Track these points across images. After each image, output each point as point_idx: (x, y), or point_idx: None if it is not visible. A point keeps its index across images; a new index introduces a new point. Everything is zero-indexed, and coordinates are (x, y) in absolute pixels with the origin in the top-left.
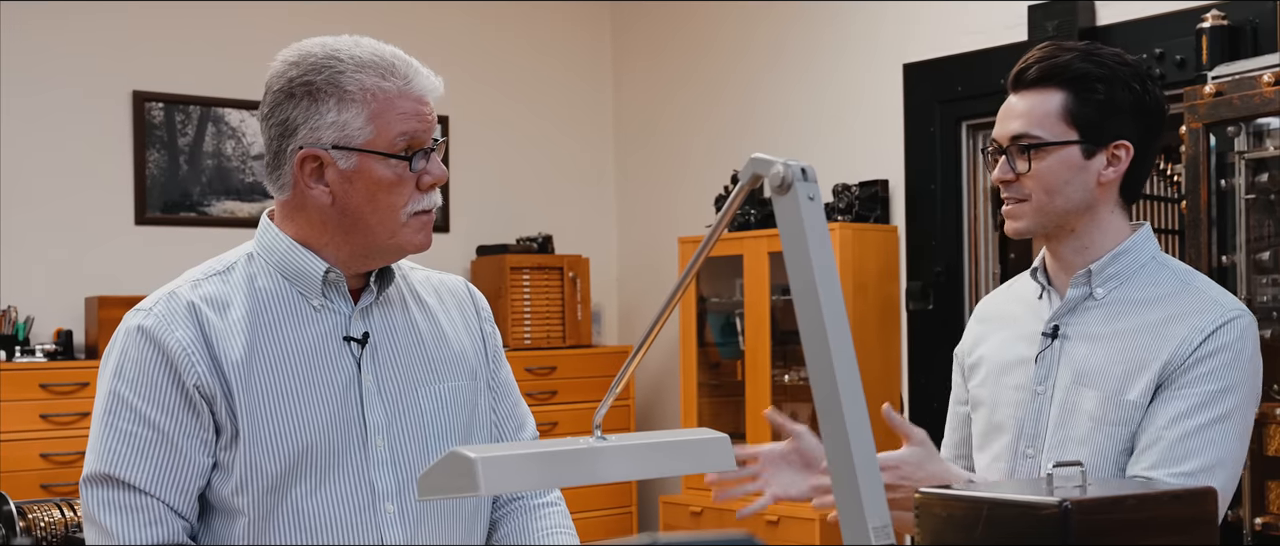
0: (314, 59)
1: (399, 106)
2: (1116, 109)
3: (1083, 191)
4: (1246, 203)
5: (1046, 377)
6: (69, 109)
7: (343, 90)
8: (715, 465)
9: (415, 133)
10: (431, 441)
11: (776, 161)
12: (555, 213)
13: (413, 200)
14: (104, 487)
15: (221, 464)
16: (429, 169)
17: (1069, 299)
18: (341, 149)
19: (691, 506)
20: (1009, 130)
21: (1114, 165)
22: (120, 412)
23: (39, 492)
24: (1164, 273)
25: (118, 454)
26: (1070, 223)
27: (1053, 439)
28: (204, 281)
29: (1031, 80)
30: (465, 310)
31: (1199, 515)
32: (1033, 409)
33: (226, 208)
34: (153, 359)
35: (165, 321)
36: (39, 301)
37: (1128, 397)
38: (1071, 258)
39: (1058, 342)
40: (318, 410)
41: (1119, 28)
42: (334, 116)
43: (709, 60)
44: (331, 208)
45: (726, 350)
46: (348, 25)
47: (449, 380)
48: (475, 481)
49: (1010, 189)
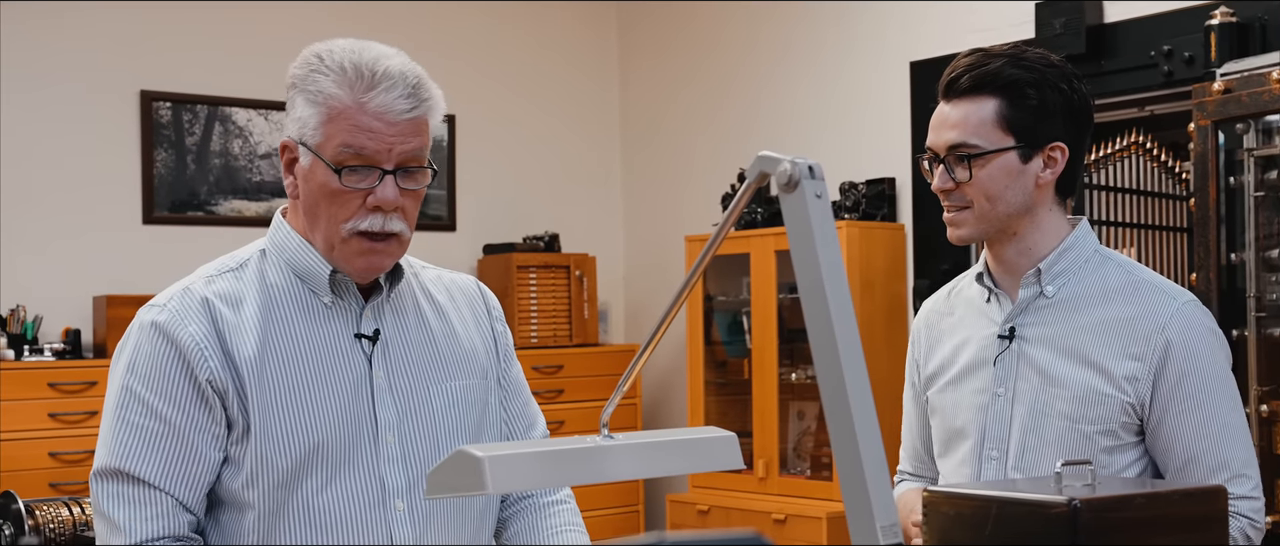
0: (308, 56)
1: (351, 118)
2: (1049, 112)
3: (1022, 195)
4: (1255, 200)
5: (1006, 380)
6: (76, 108)
7: (306, 89)
8: (723, 463)
9: (362, 148)
10: (442, 439)
11: (784, 159)
12: (562, 211)
13: (356, 217)
14: (114, 482)
15: (232, 458)
16: (377, 190)
17: (1021, 300)
18: (304, 146)
19: (698, 505)
20: (945, 140)
21: (1050, 167)
22: (132, 406)
23: (47, 491)
24: (1109, 266)
25: (129, 447)
26: (1012, 226)
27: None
28: (217, 277)
29: (964, 89)
30: (476, 309)
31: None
32: (995, 412)
33: (234, 207)
34: (165, 353)
35: (179, 316)
36: (47, 300)
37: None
38: (1016, 259)
39: (1015, 344)
40: (329, 406)
41: (1127, 25)
42: (300, 113)
43: (715, 58)
44: (299, 201)
45: (733, 348)
46: (355, 24)
47: (460, 378)
48: (483, 480)
49: (951, 197)
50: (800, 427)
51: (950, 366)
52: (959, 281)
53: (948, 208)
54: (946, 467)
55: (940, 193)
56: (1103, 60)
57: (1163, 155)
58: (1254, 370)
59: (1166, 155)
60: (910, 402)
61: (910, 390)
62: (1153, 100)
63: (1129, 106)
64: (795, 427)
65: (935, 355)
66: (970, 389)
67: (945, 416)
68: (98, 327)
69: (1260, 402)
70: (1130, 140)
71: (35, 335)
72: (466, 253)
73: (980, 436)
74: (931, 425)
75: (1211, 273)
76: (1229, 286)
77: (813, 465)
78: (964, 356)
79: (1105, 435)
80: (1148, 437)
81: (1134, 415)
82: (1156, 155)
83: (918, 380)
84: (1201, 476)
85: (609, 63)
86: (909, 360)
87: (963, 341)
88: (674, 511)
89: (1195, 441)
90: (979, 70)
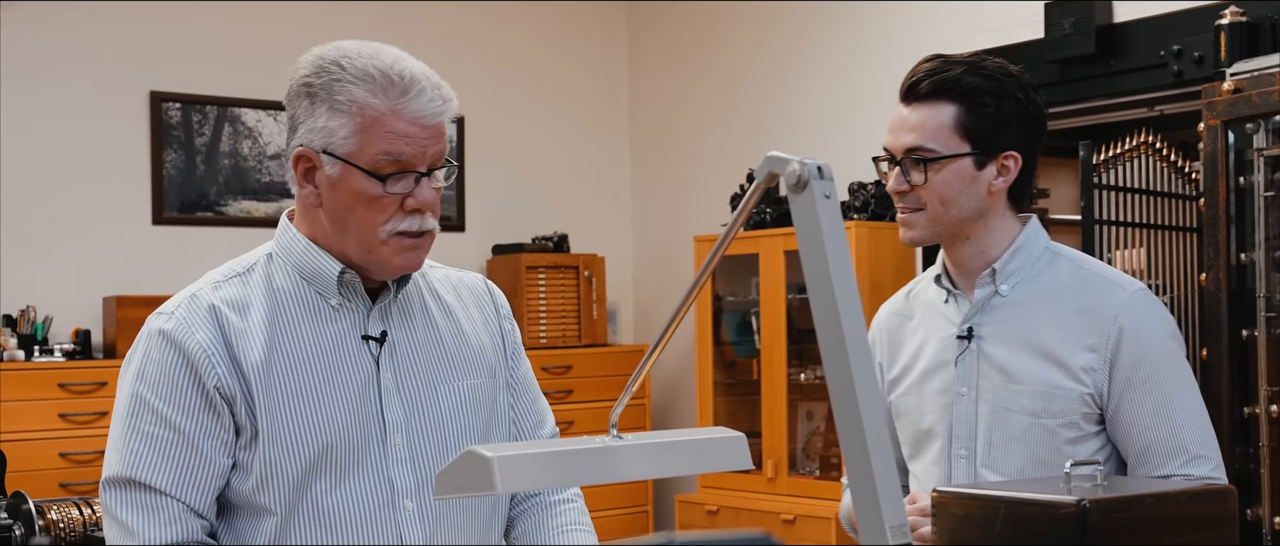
0: (324, 62)
1: (387, 124)
2: (1005, 121)
3: (975, 200)
4: (1265, 200)
5: (968, 379)
6: (86, 109)
7: (333, 98)
8: (732, 464)
9: (401, 154)
10: (450, 439)
11: (793, 159)
12: (571, 211)
13: (394, 220)
14: (125, 489)
15: (241, 463)
16: (416, 193)
17: (977, 299)
18: (329, 155)
19: (707, 505)
20: (903, 142)
21: (1003, 175)
22: (142, 414)
23: (57, 491)
24: (1061, 262)
25: (140, 456)
26: (965, 230)
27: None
28: (224, 283)
29: (924, 93)
30: (484, 307)
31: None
32: (959, 411)
33: (243, 207)
34: (174, 361)
35: (186, 324)
36: (57, 301)
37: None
38: (971, 262)
39: (974, 344)
40: (337, 408)
41: (1136, 25)
42: (324, 122)
43: (724, 58)
44: (321, 210)
45: (742, 349)
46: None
47: (467, 378)
48: (492, 480)
49: (905, 199)
50: (809, 428)
51: (912, 369)
52: (916, 283)
53: (901, 209)
54: (918, 469)
55: (894, 194)
56: (1112, 60)
57: (1172, 155)
58: (1264, 370)
59: (1176, 155)
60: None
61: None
62: (1162, 100)
63: (1138, 106)
64: (804, 428)
65: (899, 358)
66: (933, 390)
67: (912, 419)
68: (108, 328)
69: (1270, 402)
70: (1139, 140)
71: (45, 336)
72: (476, 253)
73: (948, 436)
74: (897, 428)
75: (1221, 273)
76: (1239, 286)
77: (822, 465)
78: (925, 358)
79: (1068, 427)
80: (1108, 426)
81: (1094, 405)
82: (1166, 155)
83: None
84: (1159, 460)
85: (618, 63)
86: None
87: (922, 343)
88: (683, 511)
89: (1152, 426)
90: (939, 76)
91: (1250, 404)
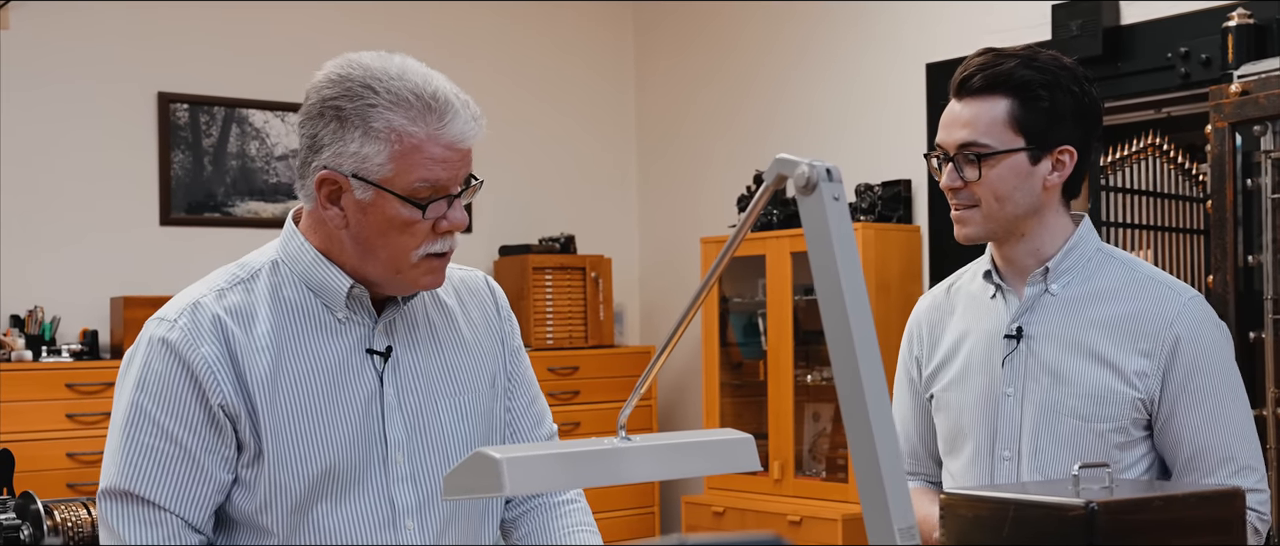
0: (351, 83)
1: (426, 151)
2: (1060, 114)
3: (1030, 196)
4: (1273, 202)
5: (1015, 379)
6: (94, 110)
7: (369, 125)
8: (741, 465)
9: (438, 180)
10: (451, 455)
11: (801, 161)
12: (577, 213)
13: (426, 243)
14: (123, 503)
15: (243, 481)
16: (448, 215)
17: (1027, 298)
18: (361, 179)
19: (714, 506)
20: (956, 138)
21: (1058, 169)
22: (142, 425)
23: (65, 491)
24: (1112, 263)
25: (139, 468)
26: (1020, 227)
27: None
28: (228, 290)
29: (976, 88)
30: (485, 307)
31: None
32: (1005, 412)
33: (251, 208)
34: (177, 373)
35: (190, 336)
36: (65, 302)
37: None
38: (1023, 259)
39: (1023, 343)
40: (341, 427)
41: (1144, 26)
42: (356, 148)
43: (731, 60)
44: (345, 231)
45: (749, 350)
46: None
47: (468, 392)
48: (500, 482)
49: (959, 196)
50: (816, 429)
51: (952, 362)
52: (958, 277)
53: (955, 206)
54: (955, 468)
55: (948, 191)
56: (1119, 62)
57: (1179, 157)
58: (1270, 371)
59: (1183, 157)
60: (907, 400)
61: (908, 388)
62: (1169, 102)
63: (1145, 108)
64: (811, 429)
65: (938, 351)
66: (975, 388)
67: (951, 414)
68: (115, 329)
69: (1277, 404)
70: (1147, 142)
71: (53, 336)
72: (482, 254)
73: (991, 437)
74: (936, 423)
75: (1228, 274)
76: (1246, 288)
77: (828, 467)
78: (967, 353)
79: (1118, 432)
80: (1156, 433)
81: (1144, 411)
82: (1173, 157)
83: (917, 377)
84: (1207, 469)
85: (625, 64)
86: (906, 357)
87: (963, 337)
88: (689, 513)
89: (1202, 435)
90: (992, 70)
91: (1258, 406)
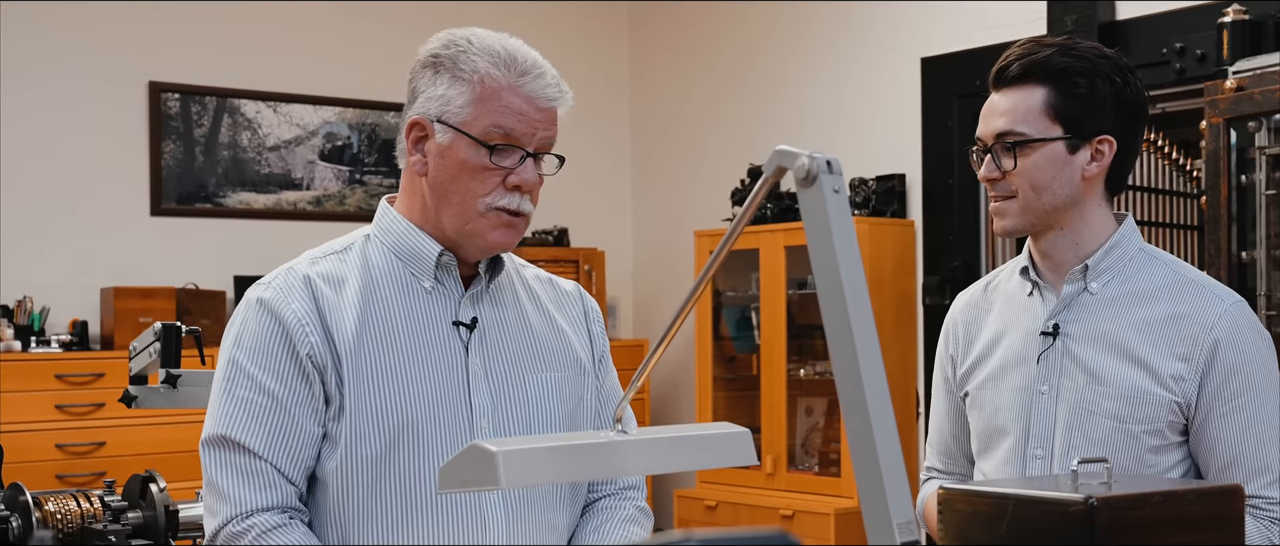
0: (453, 36)
1: (503, 99)
2: (1099, 103)
3: (1069, 187)
4: (1267, 198)
5: (1050, 377)
6: (85, 100)
7: (457, 68)
8: (737, 459)
9: (511, 130)
10: (536, 427)
11: (802, 153)
12: (571, 205)
13: (495, 194)
14: (221, 449)
15: (330, 435)
16: (519, 170)
17: (1065, 295)
18: (443, 123)
19: (706, 500)
20: (993, 128)
21: (1097, 160)
22: (237, 379)
23: (54, 483)
24: (1155, 264)
25: (234, 418)
26: (1058, 219)
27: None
28: (321, 259)
29: (1013, 77)
30: (574, 309)
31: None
32: (1038, 410)
33: (242, 199)
34: (270, 329)
35: (283, 293)
36: (54, 292)
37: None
38: (1063, 255)
39: (1060, 341)
40: (423, 388)
41: (1139, 22)
42: (444, 90)
43: (726, 54)
44: (424, 179)
45: (742, 344)
46: (365, 18)
47: (556, 370)
48: (496, 474)
49: (997, 187)
50: (809, 423)
51: (988, 360)
52: (996, 276)
53: (993, 197)
54: (989, 466)
55: (986, 182)
56: None
57: (1174, 153)
58: None
59: (1178, 153)
60: (943, 399)
61: (944, 386)
62: (1165, 98)
63: None
64: (804, 423)
65: (974, 348)
66: (1011, 386)
67: (985, 413)
68: (105, 319)
69: None
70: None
71: (42, 326)
72: None
73: (1023, 435)
74: (970, 422)
75: (1222, 270)
76: (1240, 284)
77: (821, 461)
78: (1003, 351)
79: (1153, 435)
80: (1192, 438)
81: (1181, 415)
82: (1168, 153)
83: (952, 376)
84: (1243, 477)
85: (620, 57)
86: (942, 355)
87: (1000, 335)
88: (681, 506)
89: (1239, 442)
90: (1029, 58)
91: None
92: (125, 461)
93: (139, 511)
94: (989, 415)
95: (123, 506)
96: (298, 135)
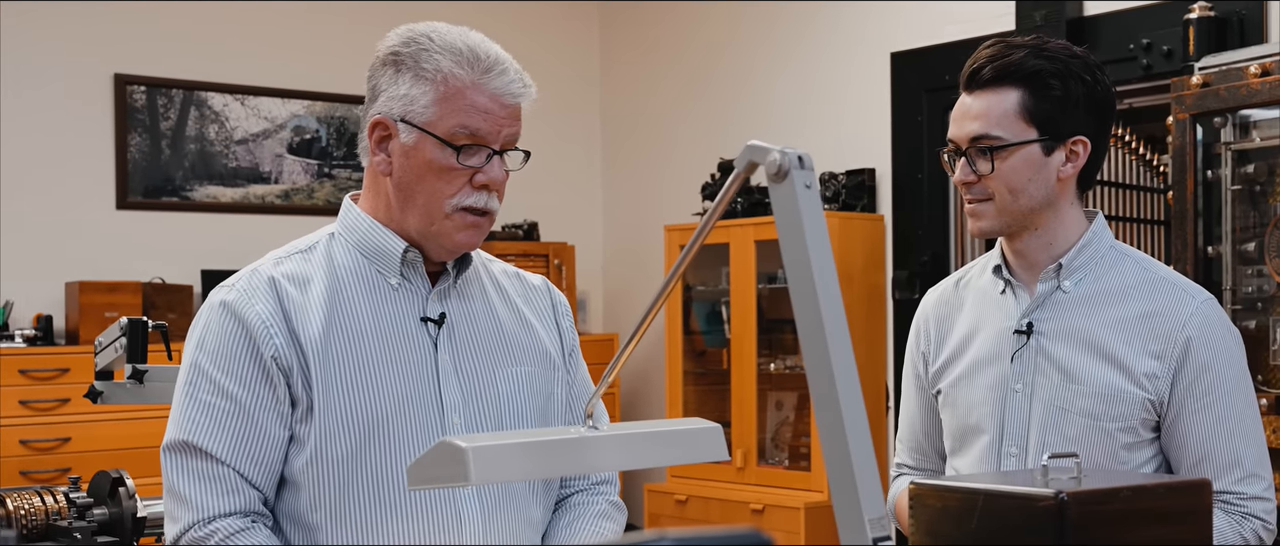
0: (412, 33)
1: (468, 98)
2: (1072, 104)
3: (1044, 188)
4: (1232, 193)
5: (1024, 375)
6: (50, 92)
7: (420, 66)
8: (708, 455)
9: (477, 129)
10: (507, 422)
11: (773, 149)
12: (541, 199)
13: (461, 194)
14: (182, 455)
15: (297, 437)
16: (486, 169)
17: (1039, 294)
18: (407, 123)
19: (676, 494)
20: (968, 131)
21: (1072, 161)
22: (200, 383)
23: (19, 479)
24: (1126, 262)
25: (196, 423)
26: (1034, 220)
27: (1041, 438)
28: (286, 259)
29: (986, 79)
30: (542, 303)
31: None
32: (1012, 408)
33: (209, 192)
34: (233, 332)
35: (246, 295)
36: (19, 286)
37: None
38: (1037, 254)
39: (1033, 340)
40: (393, 386)
41: (1106, 18)
42: (407, 89)
43: (696, 48)
44: (389, 179)
45: (712, 338)
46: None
47: (526, 365)
48: (466, 471)
49: (972, 190)
50: (779, 418)
51: (961, 358)
52: (967, 272)
53: (968, 200)
54: (963, 464)
55: (961, 185)
56: None
57: (1141, 148)
58: None
59: (1144, 148)
60: (913, 395)
61: (914, 383)
62: (1132, 93)
63: None
64: (774, 418)
65: (946, 345)
66: (984, 383)
67: (959, 411)
68: (70, 314)
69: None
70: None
71: (6, 321)
72: None
73: (998, 433)
74: (943, 419)
75: (1188, 265)
76: (1206, 279)
77: (791, 455)
78: (976, 349)
79: (1126, 432)
80: (1163, 435)
81: (1153, 412)
82: (1135, 148)
83: (924, 373)
84: (1213, 474)
85: (590, 52)
86: (912, 351)
87: (972, 332)
88: (651, 501)
89: (1209, 439)
90: (1001, 61)
91: None
92: (91, 457)
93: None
94: (963, 413)
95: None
96: (265, 128)
